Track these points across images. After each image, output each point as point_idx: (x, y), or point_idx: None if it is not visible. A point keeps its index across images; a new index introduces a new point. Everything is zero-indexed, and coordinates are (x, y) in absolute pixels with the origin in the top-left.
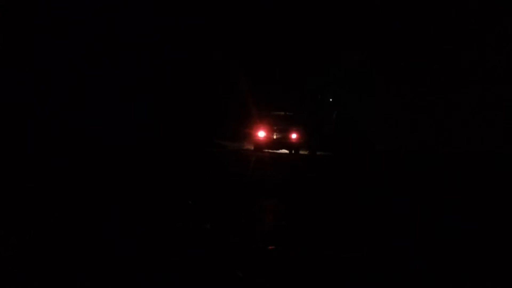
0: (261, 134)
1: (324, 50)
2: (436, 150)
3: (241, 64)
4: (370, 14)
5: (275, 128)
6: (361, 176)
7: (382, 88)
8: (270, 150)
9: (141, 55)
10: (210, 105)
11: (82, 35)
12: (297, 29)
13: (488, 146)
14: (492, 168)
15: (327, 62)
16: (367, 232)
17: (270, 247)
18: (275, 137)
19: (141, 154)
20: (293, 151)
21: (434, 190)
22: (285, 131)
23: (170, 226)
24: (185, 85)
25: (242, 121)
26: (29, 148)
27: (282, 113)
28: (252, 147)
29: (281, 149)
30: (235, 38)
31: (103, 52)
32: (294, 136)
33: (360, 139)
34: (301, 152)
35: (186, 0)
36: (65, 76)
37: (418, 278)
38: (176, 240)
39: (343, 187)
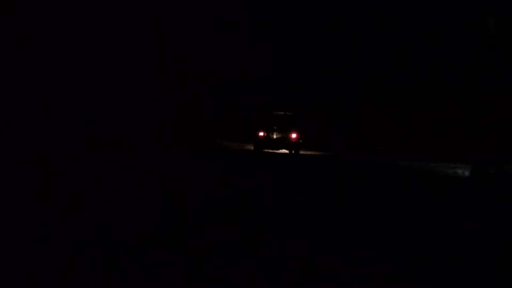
0: (261, 134)
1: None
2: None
3: (241, 65)
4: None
5: (275, 128)
6: None
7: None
8: (269, 150)
9: (141, 56)
10: (210, 105)
11: (82, 34)
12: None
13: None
14: None
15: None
16: None
17: None
18: (275, 137)
19: (141, 153)
20: (293, 151)
21: None
22: (285, 131)
23: None
24: (185, 86)
25: (242, 121)
26: (30, 148)
27: (282, 113)
28: (252, 147)
29: (281, 149)
30: (235, 38)
31: (104, 52)
32: (293, 136)
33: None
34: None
35: (188, 1)
36: (64, 76)
37: None
38: None
39: None
